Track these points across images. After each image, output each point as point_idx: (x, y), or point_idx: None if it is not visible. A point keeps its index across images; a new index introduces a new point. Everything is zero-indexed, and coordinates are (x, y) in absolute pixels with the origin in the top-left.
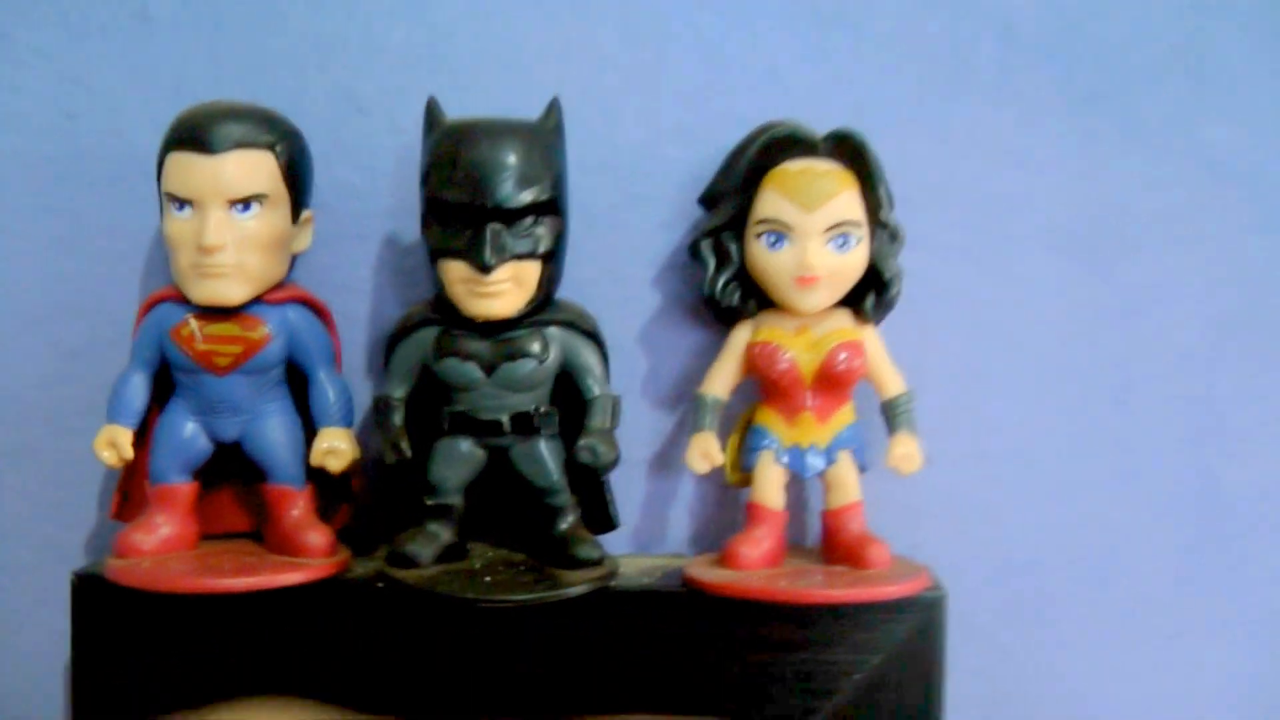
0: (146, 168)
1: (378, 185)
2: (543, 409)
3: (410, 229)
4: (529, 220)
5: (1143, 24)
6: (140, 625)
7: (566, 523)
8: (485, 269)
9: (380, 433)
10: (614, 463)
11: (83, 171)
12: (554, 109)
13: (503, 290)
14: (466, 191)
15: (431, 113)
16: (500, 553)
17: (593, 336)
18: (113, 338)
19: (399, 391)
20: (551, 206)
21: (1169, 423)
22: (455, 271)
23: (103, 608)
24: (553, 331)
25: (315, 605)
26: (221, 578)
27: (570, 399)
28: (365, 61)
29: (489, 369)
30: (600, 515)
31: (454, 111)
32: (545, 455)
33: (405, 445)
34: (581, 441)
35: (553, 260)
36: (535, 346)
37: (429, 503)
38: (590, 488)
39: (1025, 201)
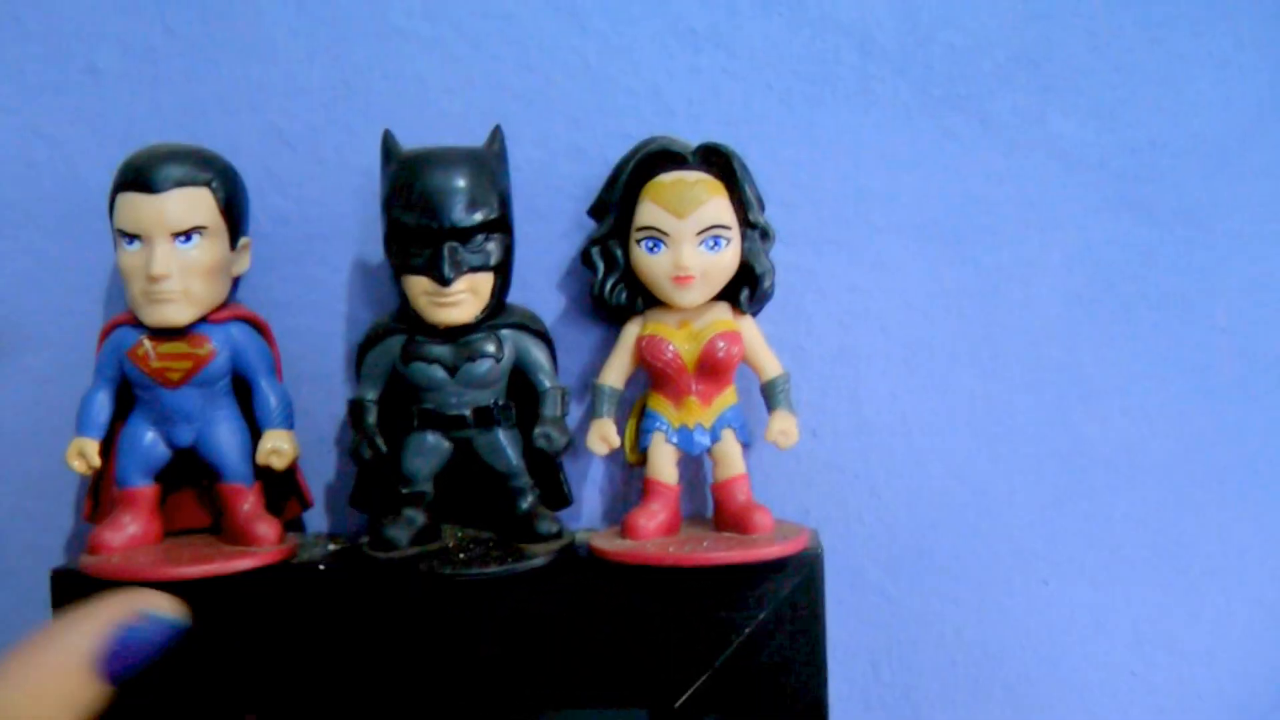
0: (101, 207)
1: (306, 211)
2: (500, 403)
3: (336, 248)
4: (481, 237)
5: (991, 29)
6: None
7: (527, 502)
8: (445, 282)
9: (356, 432)
10: (567, 446)
11: (44, 214)
12: (497, 136)
13: (461, 300)
14: (425, 214)
15: (387, 144)
16: (470, 532)
17: (542, 336)
18: (76, 363)
19: (371, 394)
20: (500, 224)
21: (1033, 390)
22: (418, 285)
23: (79, 599)
24: (506, 333)
25: (268, 589)
26: (182, 566)
27: (524, 392)
28: (289, 101)
29: (452, 370)
30: (556, 494)
31: (370, 139)
32: (505, 444)
33: (380, 442)
34: (537, 430)
35: (503, 271)
36: (491, 347)
37: (404, 491)
38: (545, 470)
39: (890, 197)
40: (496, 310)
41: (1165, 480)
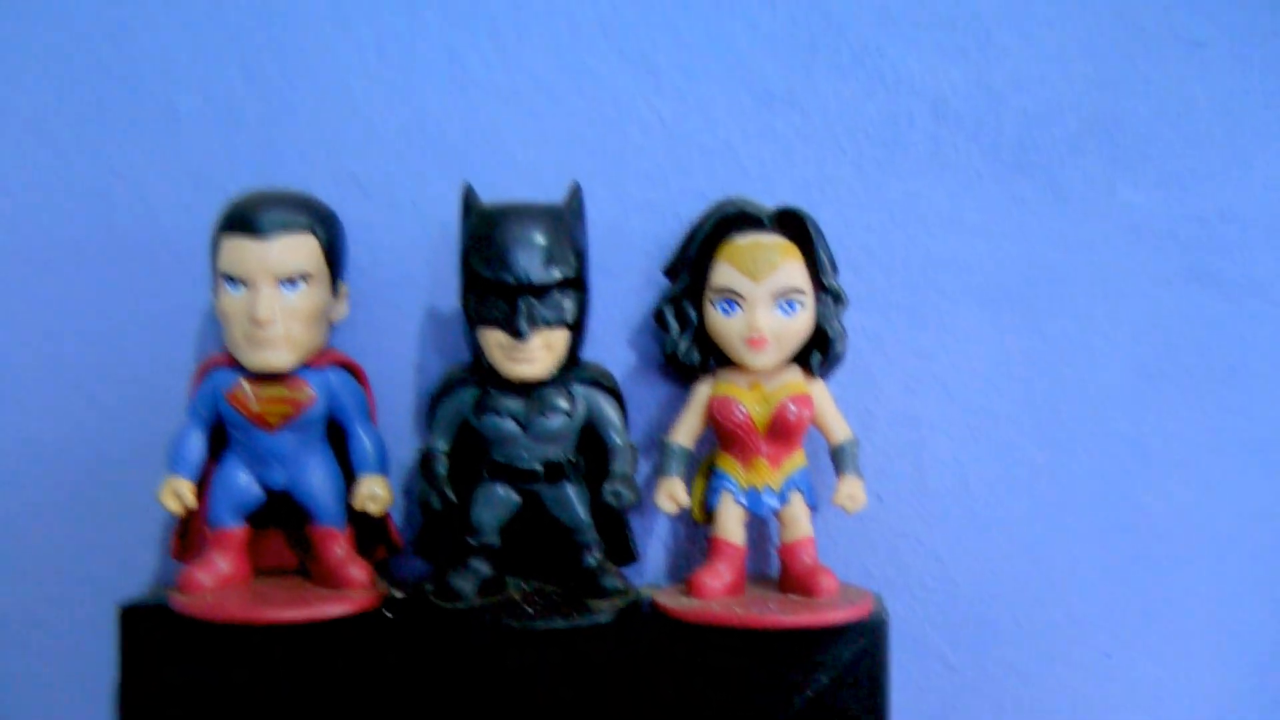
0: (176, 248)
1: (379, 258)
2: (571, 458)
3: (408, 296)
4: (557, 293)
5: (1063, 96)
6: (200, 653)
7: (593, 557)
8: (521, 337)
9: (426, 481)
10: (635, 503)
11: (121, 253)
12: (575, 194)
13: (536, 355)
14: (503, 269)
15: (468, 198)
16: (535, 585)
17: (614, 393)
18: (148, 398)
19: (443, 444)
20: (576, 281)
21: (1097, 460)
22: (494, 338)
23: (163, 638)
24: (579, 389)
25: (359, 633)
26: (276, 609)
27: (592, 447)
28: (366, 148)
29: (524, 424)
30: (622, 549)
31: (445, 188)
32: (574, 498)
33: (450, 492)
34: (607, 486)
35: (577, 327)
36: (564, 403)
37: (471, 542)
38: (612, 525)
39: (959, 262)
40: (570, 366)
41: (1229, 556)
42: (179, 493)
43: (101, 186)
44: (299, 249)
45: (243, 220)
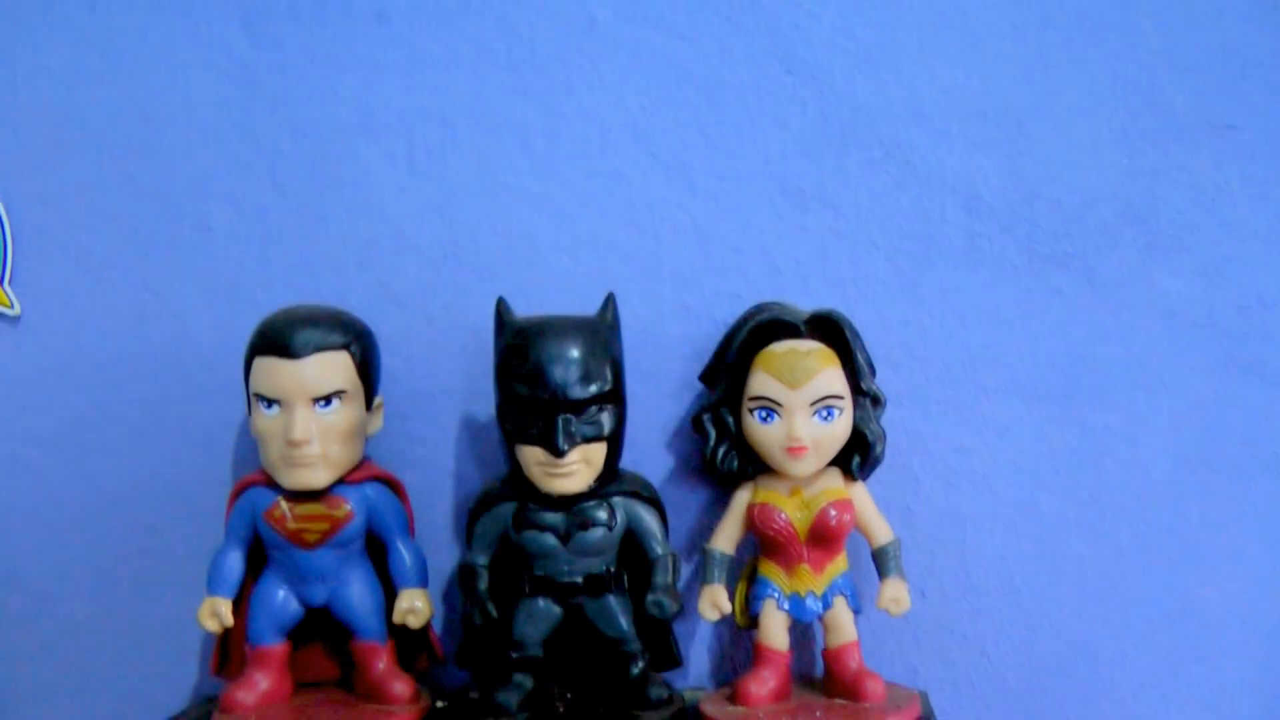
0: (211, 362)
1: (414, 369)
2: (612, 569)
3: (443, 406)
4: (594, 408)
5: (1096, 185)
6: None
7: (638, 667)
8: (559, 453)
9: (466, 596)
10: (679, 612)
11: (154, 368)
12: (610, 304)
13: (574, 470)
14: (539, 387)
15: (501, 312)
16: (580, 697)
17: (653, 502)
18: (186, 515)
19: (483, 559)
20: (613, 395)
21: (1142, 551)
22: (532, 455)
23: None
24: (618, 501)
25: None
26: None
27: (633, 556)
28: (398, 259)
29: (565, 538)
30: (666, 656)
31: (479, 297)
32: (616, 610)
33: (491, 607)
34: (650, 597)
35: (615, 439)
36: (604, 515)
37: (514, 656)
38: (656, 633)
39: (997, 356)
40: (609, 478)
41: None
42: (218, 612)
43: (135, 302)
44: (333, 367)
45: (276, 341)
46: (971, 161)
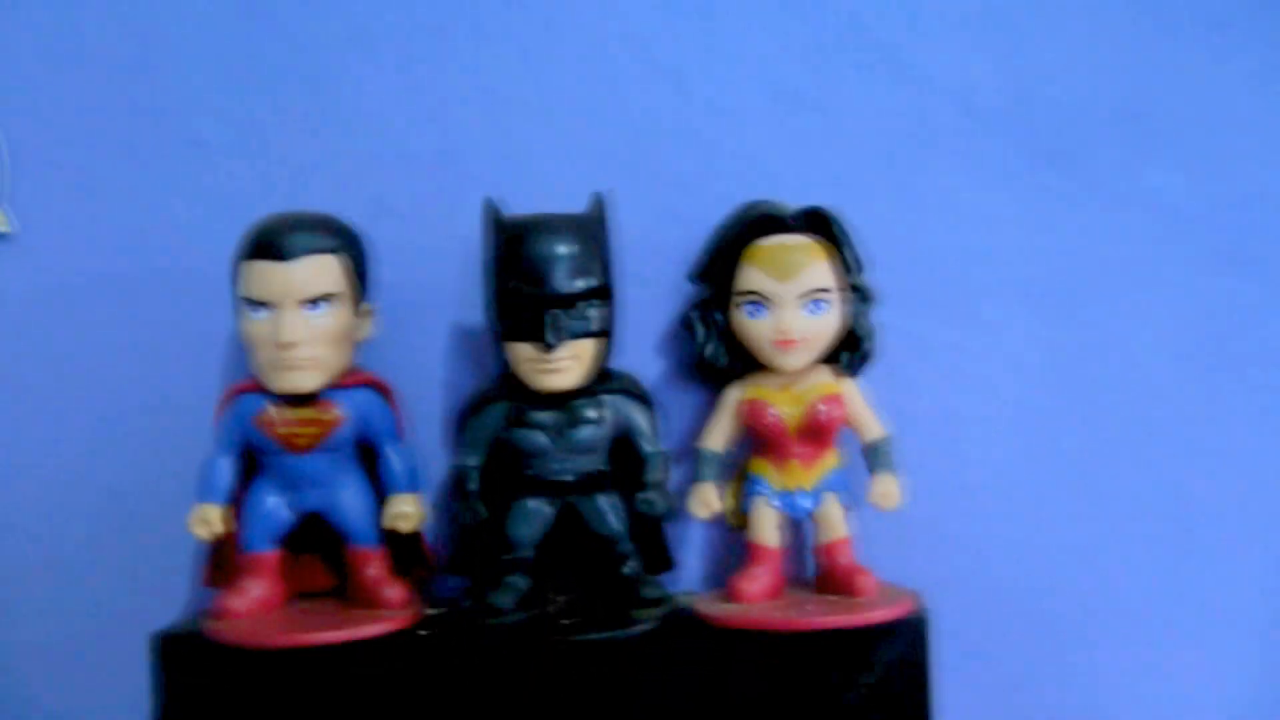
0: (207, 278)
1: (407, 279)
2: (604, 468)
3: (436, 317)
4: (584, 304)
5: (1089, 85)
6: (238, 680)
7: (630, 567)
8: (549, 348)
9: (458, 498)
10: (670, 511)
11: (152, 283)
12: (600, 203)
13: (564, 366)
14: (529, 282)
15: (490, 211)
16: (574, 597)
17: (644, 400)
18: (184, 429)
19: (474, 460)
20: (603, 291)
21: (1140, 450)
22: (522, 351)
23: (200, 665)
24: (609, 399)
25: (397, 653)
26: (312, 632)
27: (626, 457)
28: (393, 170)
29: (556, 436)
30: (659, 558)
31: (473, 208)
32: (608, 509)
33: (481, 508)
34: (640, 495)
35: (606, 337)
36: (594, 413)
37: (507, 558)
38: (648, 534)
39: (992, 256)
40: (600, 376)
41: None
42: (208, 519)
43: (131, 219)
44: (323, 270)
45: (266, 244)
46: (966, 64)
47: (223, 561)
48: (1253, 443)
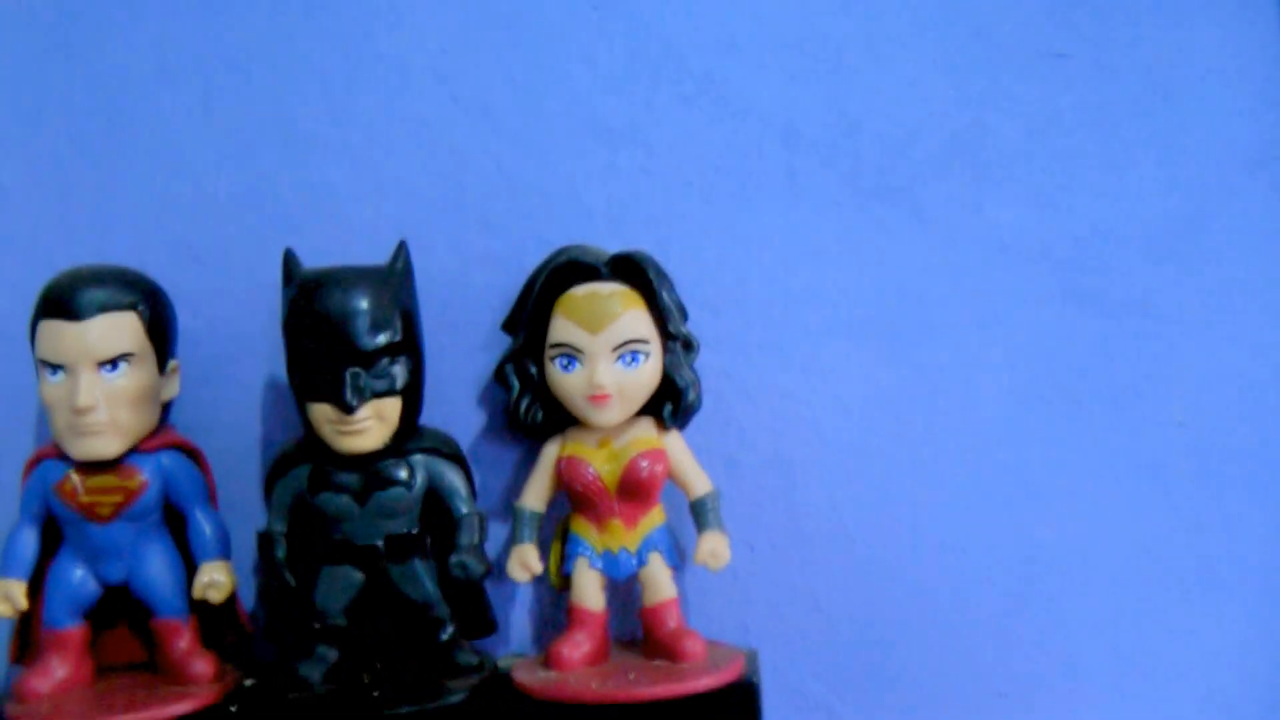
0: (8, 332)
1: (216, 330)
2: (414, 531)
3: (247, 368)
4: (385, 360)
5: (921, 117)
6: None
7: (446, 633)
8: (349, 410)
9: (265, 565)
10: (485, 574)
11: None
12: (401, 252)
13: (366, 427)
14: (324, 339)
15: (287, 264)
16: (386, 667)
17: (456, 459)
18: None
19: (279, 525)
20: (404, 345)
21: (980, 491)
22: (321, 413)
23: None
24: (418, 459)
25: None
26: (115, 715)
27: (440, 518)
28: (198, 214)
29: (362, 499)
30: (481, 621)
31: (278, 254)
32: (421, 573)
33: (289, 575)
34: (453, 558)
35: (411, 393)
36: (403, 474)
37: (316, 627)
38: (468, 597)
39: (821, 295)
40: (406, 434)
41: (1122, 583)
42: (9, 595)
43: None
44: (119, 329)
45: (57, 303)
46: (789, 94)
47: (27, 637)
48: (1096, 483)
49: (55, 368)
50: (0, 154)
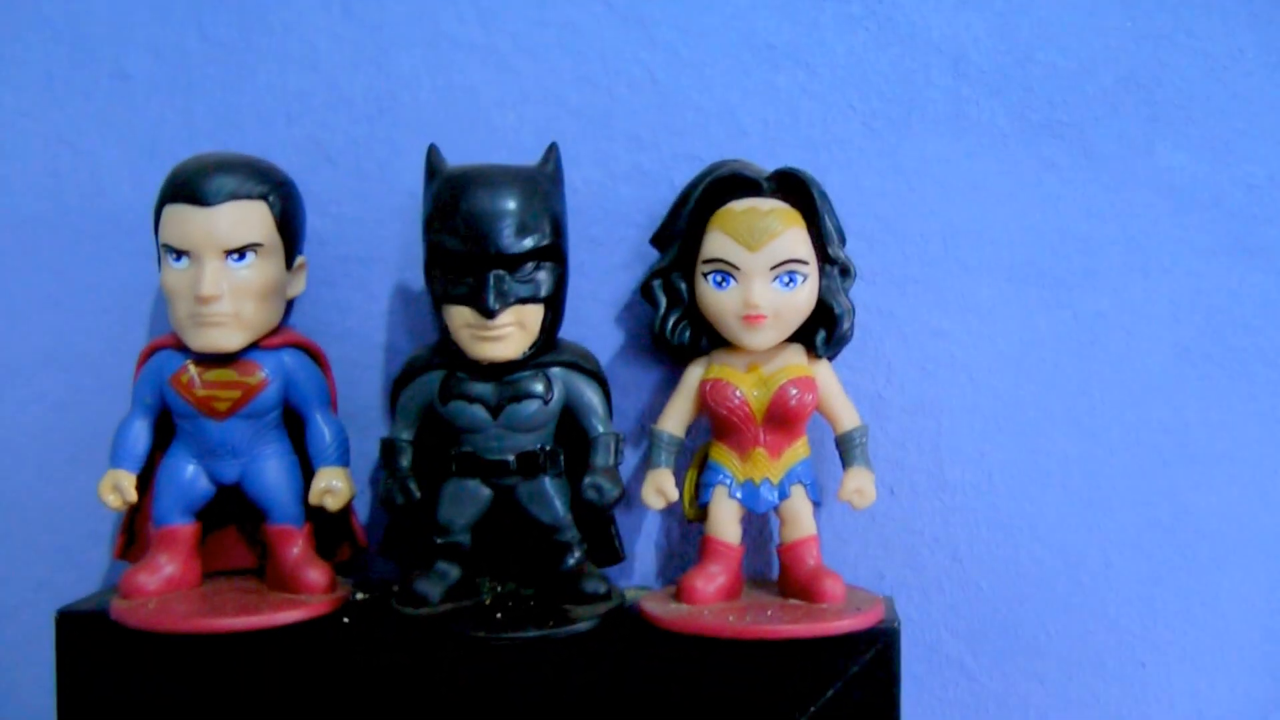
0: (128, 223)
1: (345, 232)
2: (548, 448)
3: (375, 273)
4: (530, 265)
5: (1095, 52)
6: (143, 665)
7: (574, 558)
8: (489, 314)
9: (388, 475)
10: (619, 499)
11: (68, 228)
12: (552, 155)
13: (506, 334)
14: (469, 240)
15: (432, 160)
16: (509, 589)
17: (595, 376)
18: (97, 388)
19: (406, 434)
20: (552, 251)
21: (1133, 450)
22: (460, 316)
23: (102, 648)
24: (556, 372)
25: (313, 642)
26: (223, 617)
27: (574, 437)
28: (331, 113)
29: (495, 410)
30: (607, 549)
31: (416, 156)
32: (551, 493)
33: (414, 486)
34: (587, 479)
35: (554, 303)
36: (539, 387)
37: (438, 542)
38: (595, 523)
39: (982, 233)
40: (546, 346)
41: (1278, 558)
42: (119, 486)
43: (47, 157)
44: (248, 218)
45: (186, 187)
46: (959, 20)
47: (135, 533)
48: (1256, 447)
49: (180, 254)
50: (126, 41)
